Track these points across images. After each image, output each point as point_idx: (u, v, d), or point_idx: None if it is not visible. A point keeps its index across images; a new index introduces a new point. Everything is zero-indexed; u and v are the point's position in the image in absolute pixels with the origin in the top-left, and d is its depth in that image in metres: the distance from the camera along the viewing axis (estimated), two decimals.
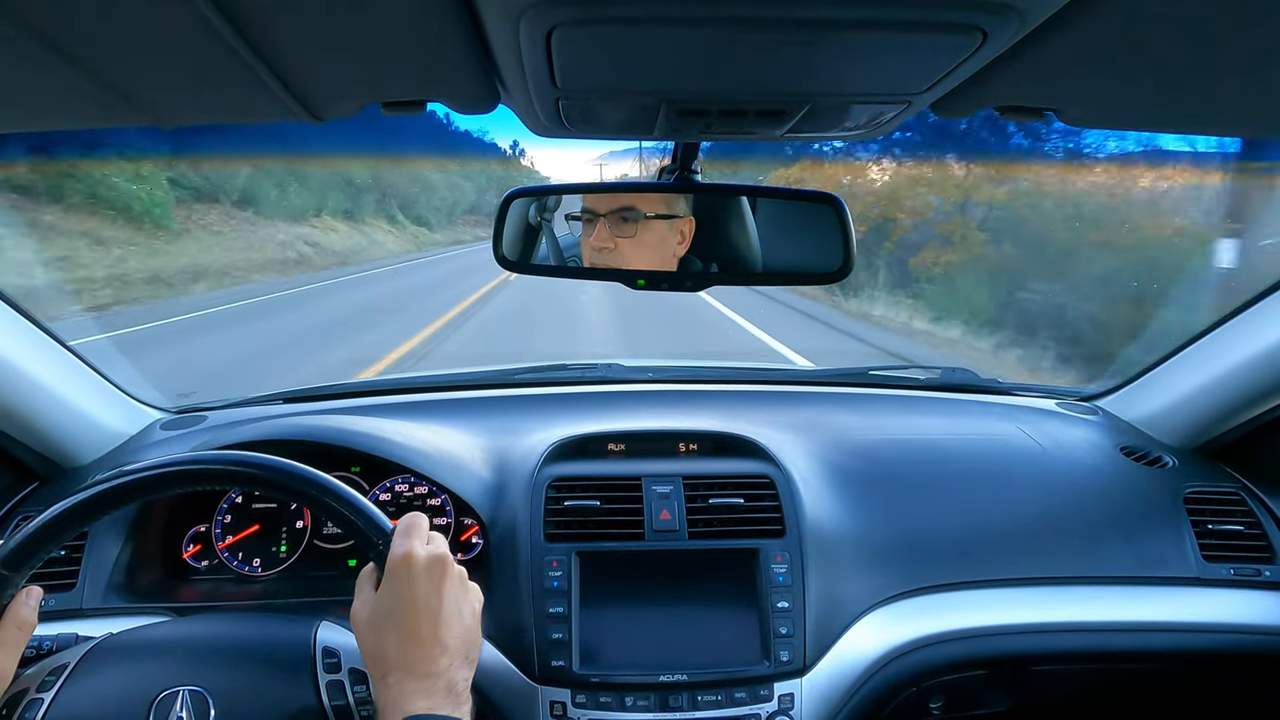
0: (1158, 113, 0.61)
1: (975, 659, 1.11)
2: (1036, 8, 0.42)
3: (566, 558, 1.06)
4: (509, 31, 0.45)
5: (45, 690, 0.69)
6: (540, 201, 0.95)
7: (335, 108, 0.59)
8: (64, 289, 9.67)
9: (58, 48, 0.46)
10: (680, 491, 1.13)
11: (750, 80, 0.53)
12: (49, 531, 0.68)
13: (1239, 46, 0.47)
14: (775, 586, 1.05)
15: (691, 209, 0.90)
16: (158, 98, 0.57)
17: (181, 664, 0.73)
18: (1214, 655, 1.15)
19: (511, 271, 0.95)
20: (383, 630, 0.67)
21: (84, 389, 1.23)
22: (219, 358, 6.92)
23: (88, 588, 1.05)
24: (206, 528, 1.18)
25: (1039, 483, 1.27)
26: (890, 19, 0.42)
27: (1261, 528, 1.23)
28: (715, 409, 1.40)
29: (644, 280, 0.89)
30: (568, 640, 1.00)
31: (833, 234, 0.88)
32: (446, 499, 1.21)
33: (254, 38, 0.46)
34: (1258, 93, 0.54)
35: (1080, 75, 0.53)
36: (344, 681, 0.74)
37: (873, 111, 0.61)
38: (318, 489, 0.73)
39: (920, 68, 0.50)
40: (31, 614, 0.70)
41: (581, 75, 0.52)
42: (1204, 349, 1.31)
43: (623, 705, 0.97)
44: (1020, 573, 1.17)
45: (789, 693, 0.99)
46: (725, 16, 0.42)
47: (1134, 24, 0.44)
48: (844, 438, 1.32)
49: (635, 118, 0.63)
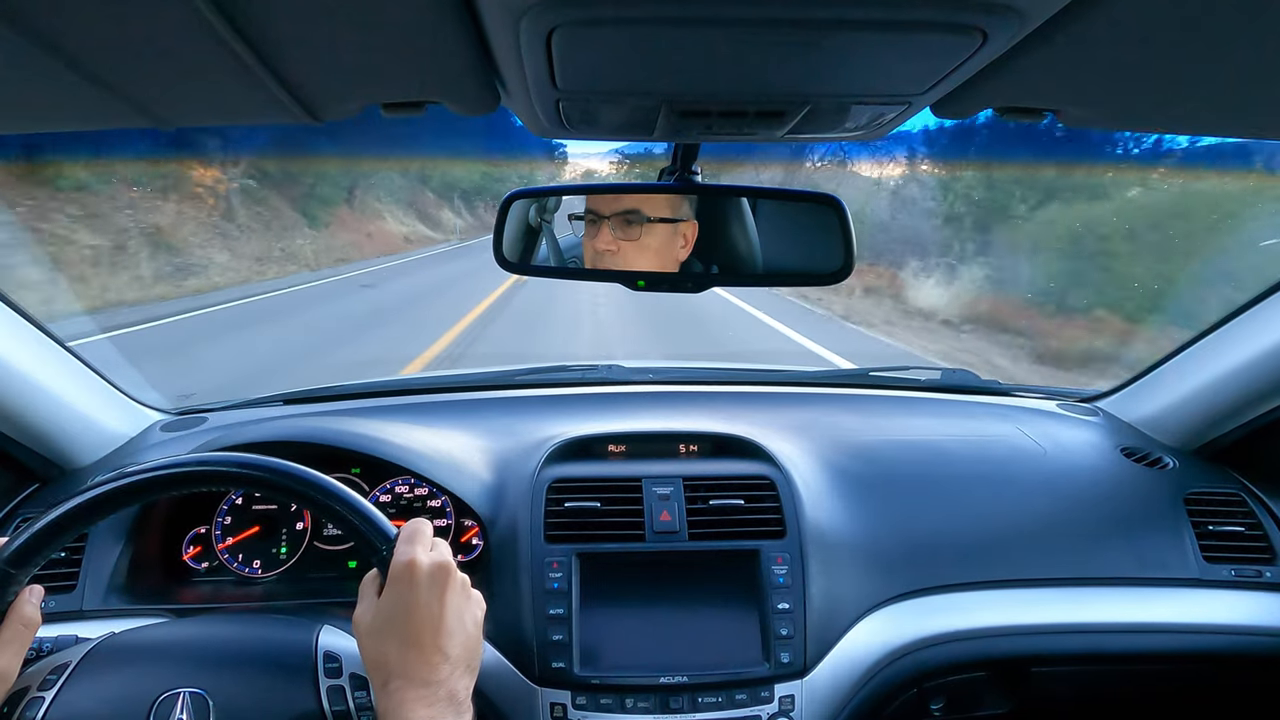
0: (1159, 113, 0.61)
1: (975, 660, 1.11)
2: (1036, 8, 0.42)
3: (567, 559, 1.06)
4: (509, 32, 0.45)
5: (46, 689, 0.69)
6: (540, 203, 0.95)
7: (335, 109, 0.59)
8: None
9: (58, 48, 0.46)
10: (681, 493, 1.13)
11: (750, 81, 0.53)
12: (52, 531, 0.68)
13: (1240, 46, 0.47)
14: (776, 588, 1.05)
15: (694, 212, 0.90)
16: (158, 98, 0.57)
17: (183, 666, 0.73)
18: (1214, 656, 1.15)
19: (512, 273, 0.95)
20: (385, 637, 0.67)
21: (84, 391, 1.23)
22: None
23: (88, 589, 1.05)
24: (206, 529, 1.18)
25: (1039, 484, 1.27)
26: (890, 20, 0.42)
27: (1262, 529, 1.23)
28: (715, 410, 1.40)
29: (644, 281, 0.89)
30: (568, 642, 1.00)
31: (833, 235, 0.89)
32: (447, 500, 1.21)
33: (254, 38, 0.46)
34: (1259, 93, 0.54)
35: (1081, 76, 0.53)
36: (345, 687, 0.74)
37: (873, 112, 0.61)
38: (321, 492, 0.72)
39: (920, 69, 0.50)
40: (35, 612, 0.70)
41: (582, 76, 0.52)
42: (1204, 350, 1.31)
43: (623, 707, 0.97)
44: (1021, 574, 1.17)
45: (789, 694, 0.99)
46: (725, 17, 0.42)
47: (1134, 24, 0.44)
48: (844, 439, 1.32)
49: (635, 119, 0.63)
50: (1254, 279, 1.20)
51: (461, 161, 27.76)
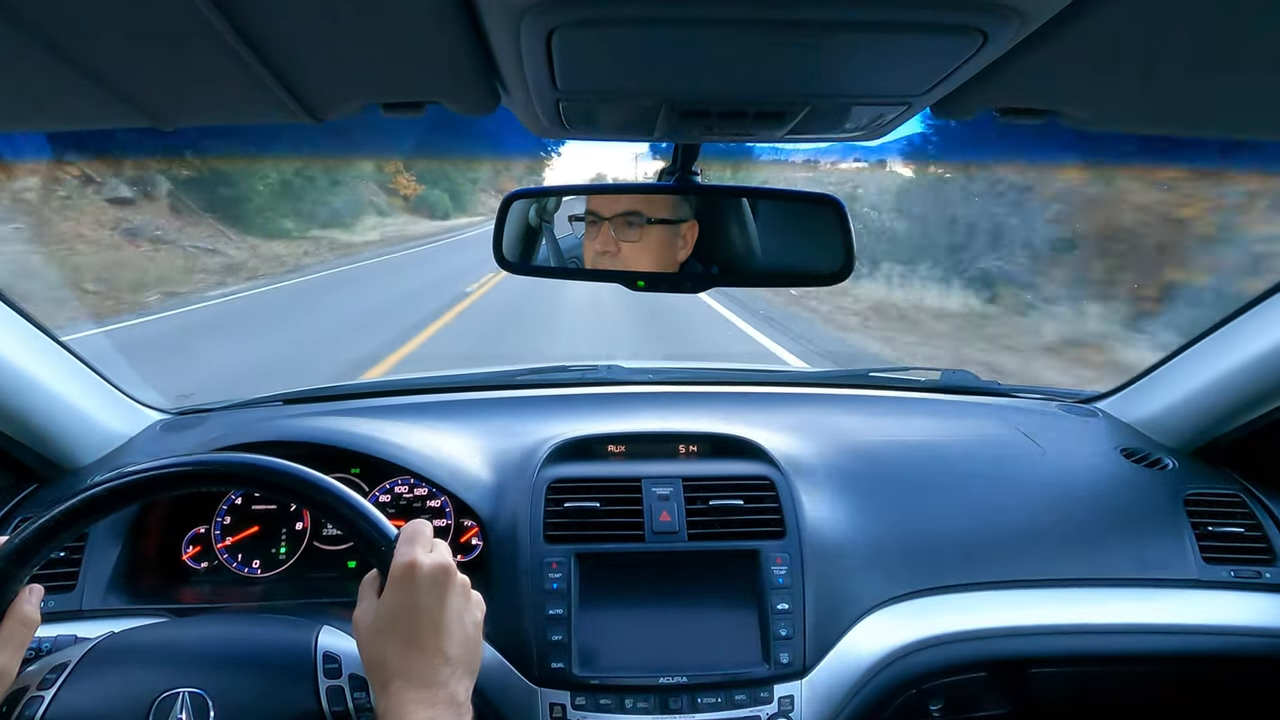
0: (1159, 114, 0.61)
1: (975, 661, 1.11)
2: (1037, 9, 0.41)
3: (566, 559, 1.06)
4: (509, 33, 0.45)
5: (46, 688, 0.69)
6: (540, 203, 0.95)
7: (335, 109, 0.59)
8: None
9: (58, 48, 0.46)
10: (680, 493, 1.13)
11: (750, 82, 0.53)
12: (52, 530, 0.68)
13: (1240, 47, 0.47)
14: (775, 588, 1.05)
15: (694, 213, 0.90)
16: (158, 98, 0.57)
17: (182, 665, 0.73)
18: (1214, 657, 1.15)
19: (511, 273, 0.95)
20: (385, 638, 0.67)
21: (84, 390, 1.23)
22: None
23: (87, 589, 1.05)
24: (206, 529, 1.18)
25: (1039, 485, 1.27)
26: (890, 20, 0.42)
27: (1262, 530, 1.23)
28: (715, 410, 1.40)
29: (644, 282, 0.89)
30: (567, 642, 1.00)
31: (833, 235, 0.88)
32: (446, 500, 1.21)
33: (254, 38, 0.46)
34: (1259, 93, 0.54)
35: (1081, 77, 0.53)
36: (344, 687, 0.73)
37: (873, 113, 0.61)
38: (321, 492, 0.72)
39: (920, 69, 0.50)
40: (35, 611, 0.70)
41: (582, 77, 0.52)
42: (1204, 351, 1.30)
43: (622, 707, 0.97)
44: (1020, 575, 1.16)
45: (789, 695, 0.99)
46: (725, 18, 0.42)
47: (1135, 25, 0.44)
48: (844, 439, 1.32)
49: (635, 119, 0.63)
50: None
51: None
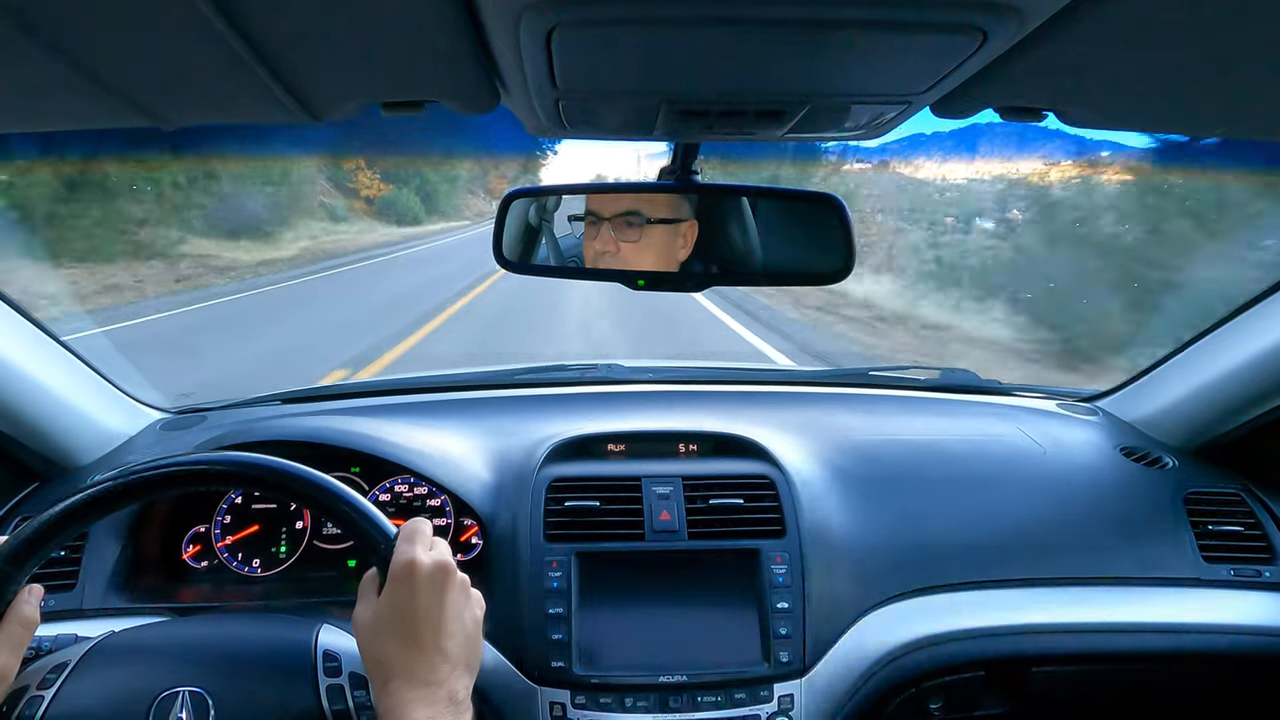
0: (1159, 113, 0.61)
1: (974, 660, 1.11)
2: (1036, 8, 0.41)
3: (566, 558, 1.06)
4: (509, 32, 0.45)
5: (46, 688, 0.69)
6: (540, 203, 0.95)
7: (335, 108, 0.59)
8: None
9: (58, 47, 0.46)
10: (680, 492, 1.13)
11: (750, 80, 0.53)
12: (52, 529, 0.68)
13: (1240, 46, 0.47)
14: (775, 587, 1.05)
15: (694, 212, 0.90)
16: (158, 98, 0.57)
17: (182, 665, 0.73)
18: (1214, 656, 1.15)
19: (512, 272, 0.95)
20: (384, 637, 0.67)
21: (84, 389, 1.23)
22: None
23: (87, 588, 1.05)
24: (206, 528, 1.18)
25: (1039, 484, 1.27)
26: (890, 19, 0.42)
27: (1262, 528, 1.23)
28: (715, 409, 1.40)
29: (644, 281, 0.89)
30: (567, 641, 1.00)
31: (834, 234, 0.88)
32: (446, 499, 1.21)
33: (254, 38, 0.45)
34: (1259, 93, 0.54)
35: (1081, 76, 0.53)
36: (344, 686, 0.74)
37: (873, 112, 0.61)
38: (321, 491, 0.72)
39: (920, 68, 0.50)
40: (34, 611, 0.70)
41: (581, 76, 0.52)
42: (1204, 350, 1.31)
43: (622, 706, 0.97)
44: (1020, 574, 1.17)
45: (789, 694, 0.99)
46: (725, 17, 0.42)
47: (1134, 24, 0.44)
48: (844, 438, 1.32)
49: (635, 118, 0.63)
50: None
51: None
